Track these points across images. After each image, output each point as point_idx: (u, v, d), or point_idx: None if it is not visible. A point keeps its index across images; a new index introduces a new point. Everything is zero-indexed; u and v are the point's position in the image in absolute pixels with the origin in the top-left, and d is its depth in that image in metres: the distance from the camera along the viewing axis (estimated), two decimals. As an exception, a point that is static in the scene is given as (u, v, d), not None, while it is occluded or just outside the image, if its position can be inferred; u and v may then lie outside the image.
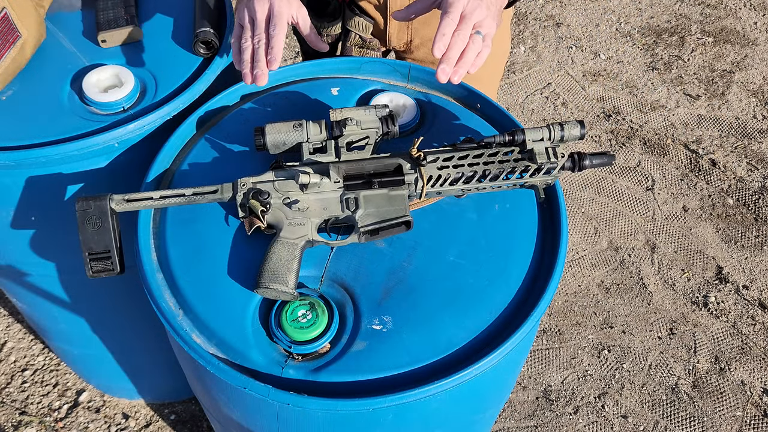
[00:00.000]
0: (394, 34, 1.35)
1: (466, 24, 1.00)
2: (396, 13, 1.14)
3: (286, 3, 1.07)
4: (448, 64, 0.99)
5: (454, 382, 0.89)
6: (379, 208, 1.00)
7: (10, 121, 1.15)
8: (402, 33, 1.35)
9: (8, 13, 1.15)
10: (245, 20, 1.08)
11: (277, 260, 0.95)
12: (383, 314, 0.96)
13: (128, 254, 1.02)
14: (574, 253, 2.36)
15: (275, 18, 1.06)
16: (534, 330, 1.02)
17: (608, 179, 2.56)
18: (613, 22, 3.14)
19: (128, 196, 1.00)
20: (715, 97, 2.83)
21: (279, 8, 1.06)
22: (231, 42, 1.09)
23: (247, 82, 1.07)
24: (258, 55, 1.05)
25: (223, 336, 0.94)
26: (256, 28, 1.06)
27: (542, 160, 1.00)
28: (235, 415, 1.05)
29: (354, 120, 1.03)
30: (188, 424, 2.01)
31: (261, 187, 1.00)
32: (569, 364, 2.10)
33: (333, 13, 1.32)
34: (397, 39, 1.37)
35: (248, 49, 1.06)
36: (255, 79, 1.05)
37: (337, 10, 1.31)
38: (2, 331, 2.18)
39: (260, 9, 1.06)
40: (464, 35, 1.00)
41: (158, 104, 1.18)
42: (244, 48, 1.07)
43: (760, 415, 2.00)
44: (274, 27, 1.05)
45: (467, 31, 1.00)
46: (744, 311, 2.21)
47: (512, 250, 1.03)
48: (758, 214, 2.46)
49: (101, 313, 1.57)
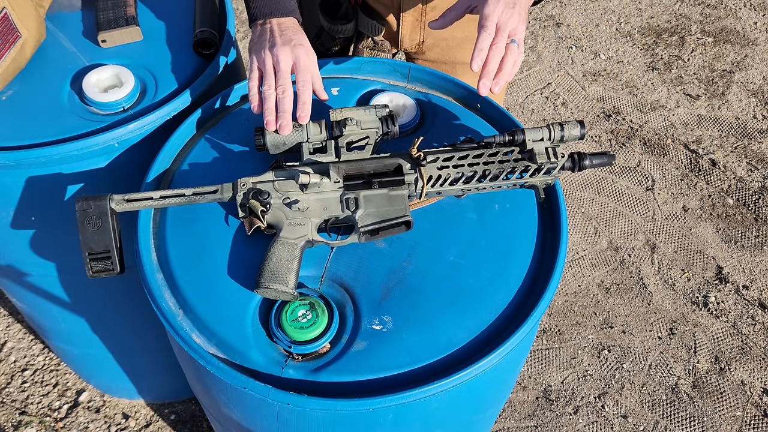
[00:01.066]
0: (407, 35, 1.35)
1: (501, 35, 1.01)
2: (432, 23, 1.13)
3: (310, 57, 1.06)
4: (488, 77, 1.00)
5: (454, 382, 0.89)
6: (379, 208, 1.00)
7: (10, 121, 1.15)
8: (415, 34, 1.35)
9: (8, 13, 1.15)
10: (268, 66, 1.04)
11: (277, 260, 0.95)
12: (383, 314, 0.96)
13: (128, 254, 1.02)
14: (574, 253, 2.36)
15: (302, 72, 1.04)
16: (534, 330, 1.02)
17: (608, 179, 2.56)
18: (613, 22, 3.14)
19: (128, 196, 1.00)
20: (715, 97, 2.83)
21: (305, 62, 1.05)
22: (248, 85, 1.06)
23: (270, 129, 1.04)
24: (283, 105, 1.03)
25: (223, 336, 0.94)
26: (280, 78, 1.04)
27: (542, 160, 1.00)
28: (235, 415, 1.05)
29: (354, 120, 1.03)
30: (188, 424, 2.01)
31: (261, 187, 1.00)
32: (569, 364, 2.10)
33: (346, 15, 1.32)
34: (410, 40, 1.37)
35: (271, 97, 1.04)
36: (280, 128, 1.03)
37: (350, 12, 1.31)
38: (2, 331, 2.18)
39: (284, 59, 1.03)
40: (501, 47, 1.01)
41: (158, 104, 1.18)
42: (267, 96, 1.04)
43: (760, 415, 2.00)
44: (303, 82, 1.04)
45: (503, 42, 1.01)
46: (744, 311, 2.21)
47: (512, 250, 1.03)
48: (758, 214, 2.46)
49: (101, 313, 1.57)
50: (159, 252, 1.03)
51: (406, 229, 1.00)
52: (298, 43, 1.04)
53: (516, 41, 1.02)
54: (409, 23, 1.33)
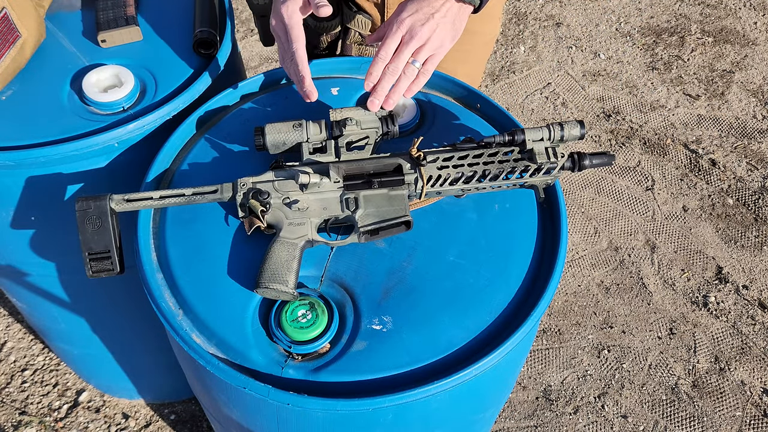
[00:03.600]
0: None
1: (400, 57, 1.00)
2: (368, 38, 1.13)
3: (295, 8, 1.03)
4: (378, 97, 1.01)
5: (454, 382, 0.89)
6: (379, 208, 1.00)
7: (10, 121, 1.15)
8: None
9: (8, 13, 1.15)
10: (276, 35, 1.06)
11: (276, 260, 0.95)
12: (383, 314, 0.96)
13: (128, 254, 1.02)
14: (574, 253, 2.36)
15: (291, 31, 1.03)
16: (534, 330, 1.02)
17: (608, 179, 2.56)
18: (613, 22, 3.14)
19: (128, 196, 1.00)
20: (715, 97, 2.83)
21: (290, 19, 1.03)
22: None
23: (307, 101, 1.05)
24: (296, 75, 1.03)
25: (223, 336, 0.94)
26: (280, 46, 1.05)
27: (542, 160, 1.00)
28: (235, 415, 1.05)
29: (354, 120, 1.03)
30: (188, 424, 2.01)
31: (261, 187, 1.00)
32: (569, 364, 2.10)
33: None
34: None
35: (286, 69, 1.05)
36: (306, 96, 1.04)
37: (336, 8, 1.31)
38: (2, 331, 2.18)
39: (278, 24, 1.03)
40: (395, 69, 1.00)
41: (158, 104, 1.18)
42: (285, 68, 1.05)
43: (760, 415, 2.00)
44: (291, 43, 1.03)
45: (400, 64, 1.00)
46: (744, 311, 2.21)
47: (512, 250, 1.03)
48: (758, 214, 2.46)
49: (101, 313, 1.57)
50: (159, 252, 1.03)
51: (406, 229, 1.00)
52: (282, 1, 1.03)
53: (416, 62, 1.01)
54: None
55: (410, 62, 1.01)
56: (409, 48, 1.00)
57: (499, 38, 3.06)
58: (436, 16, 1.00)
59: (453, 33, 1.03)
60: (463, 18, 1.04)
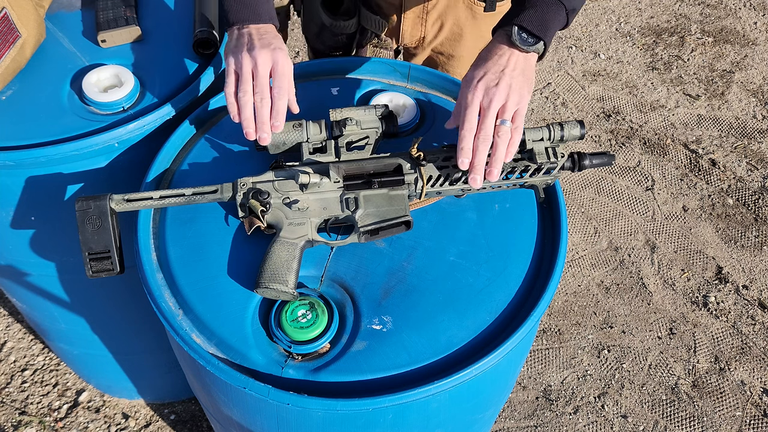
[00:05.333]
0: (408, 31, 1.35)
1: (485, 123, 0.96)
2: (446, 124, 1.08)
3: (288, 64, 1.01)
4: (477, 172, 0.96)
5: (454, 382, 0.89)
6: (379, 208, 1.00)
7: (10, 121, 1.15)
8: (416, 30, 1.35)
9: (8, 13, 1.15)
10: (245, 70, 1.00)
11: (276, 260, 0.95)
12: (383, 314, 0.96)
13: (128, 254, 1.02)
14: (574, 253, 2.36)
15: (279, 78, 1.00)
16: (534, 330, 1.02)
17: (608, 179, 2.56)
18: (613, 22, 3.14)
19: (128, 195, 1.00)
20: (715, 97, 2.83)
21: (284, 67, 1.00)
22: (225, 91, 1.01)
23: (250, 139, 1.01)
24: (262, 116, 0.99)
25: (223, 336, 0.94)
26: (258, 84, 1.00)
27: (542, 160, 1.00)
28: (235, 415, 1.05)
29: (354, 120, 1.03)
30: (188, 424, 2.01)
31: (261, 187, 1.00)
32: (569, 364, 2.10)
33: (347, 11, 1.32)
34: (410, 36, 1.37)
35: (249, 104, 1.00)
36: (260, 140, 1.00)
37: (352, 8, 1.31)
38: (2, 331, 2.18)
39: (263, 62, 0.99)
40: (486, 137, 0.96)
41: (158, 104, 1.18)
42: (244, 103, 1.00)
43: (760, 415, 2.00)
44: (279, 89, 1.00)
45: (489, 130, 0.96)
46: (744, 311, 2.21)
47: (512, 250, 1.03)
48: (758, 214, 2.46)
49: (101, 313, 1.57)
50: (159, 252, 1.03)
51: (405, 229, 1.00)
52: (277, 47, 1.00)
53: (506, 121, 0.96)
54: (411, 20, 1.33)
55: (499, 124, 0.97)
56: (491, 111, 0.96)
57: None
58: (507, 71, 0.97)
59: (528, 83, 0.99)
60: (531, 66, 1.00)
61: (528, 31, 0.97)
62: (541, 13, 0.98)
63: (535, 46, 0.98)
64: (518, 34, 0.98)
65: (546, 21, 0.97)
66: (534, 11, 0.98)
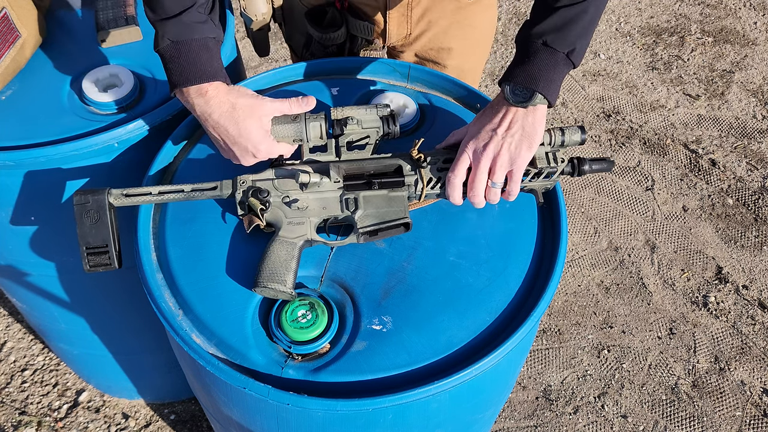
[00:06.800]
0: (394, 30, 1.35)
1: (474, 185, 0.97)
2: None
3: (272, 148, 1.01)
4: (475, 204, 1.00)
5: (454, 382, 0.89)
6: (379, 209, 1.00)
7: (10, 121, 1.15)
8: (401, 29, 1.35)
9: (8, 13, 1.15)
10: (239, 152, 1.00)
11: (275, 259, 0.95)
12: (383, 314, 0.96)
13: (128, 254, 1.02)
14: (574, 253, 2.36)
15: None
16: (534, 330, 1.02)
17: (608, 179, 2.56)
18: (613, 22, 3.14)
19: (126, 191, 0.99)
20: (715, 97, 2.83)
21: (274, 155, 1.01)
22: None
23: None
24: None
25: (222, 336, 0.94)
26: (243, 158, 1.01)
27: (542, 164, 1.00)
28: (234, 415, 1.05)
29: (355, 119, 1.03)
30: (188, 424, 2.01)
31: (261, 185, 1.00)
32: (569, 364, 2.10)
33: (333, 22, 1.31)
34: (397, 35, 1.37)
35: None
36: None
37: (338, 18, 1.31)
38: (2, 331, 2.18)
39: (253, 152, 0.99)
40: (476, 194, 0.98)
41: (158, 104, 1.18)
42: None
43: (760, 415, 2.00)
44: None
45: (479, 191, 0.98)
46: (744, 311, 2.21)
47: (512, 250, 1.03)
48: (758, 214, 2.46)
49: (101, 313, 1.57)
50: (159, 252, 1.03)
51: (405, 230, 1.00)
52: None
53: (495, 184, 0.97)
54: (396, 19, 1.33)
55: (489, 185, 0.97)
56: (479, 173, 0.96)
57: (499, 38, 3.06)
58: (499, 131, 0.96)
59: (527, 140, 0.95)
60: (537, 119, 0.96)
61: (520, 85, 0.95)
62: (530, 65, 0.95)
63: (533, 100, 0.95)
64: (511, 91, 0.96)
65: (537, 72, 0.94)
66: (525, 65, 0.95)
